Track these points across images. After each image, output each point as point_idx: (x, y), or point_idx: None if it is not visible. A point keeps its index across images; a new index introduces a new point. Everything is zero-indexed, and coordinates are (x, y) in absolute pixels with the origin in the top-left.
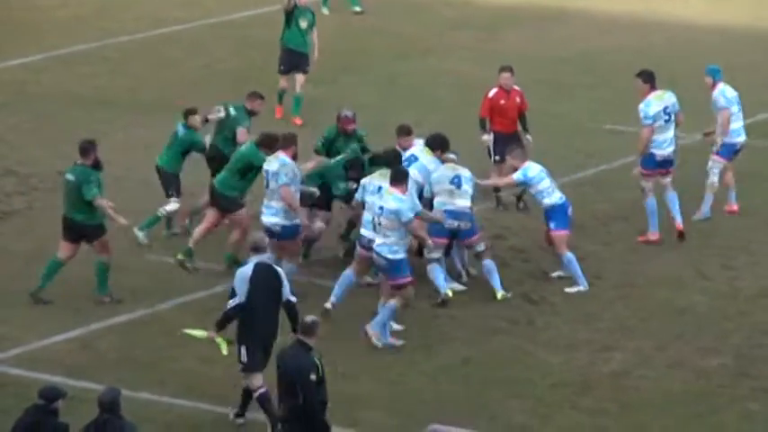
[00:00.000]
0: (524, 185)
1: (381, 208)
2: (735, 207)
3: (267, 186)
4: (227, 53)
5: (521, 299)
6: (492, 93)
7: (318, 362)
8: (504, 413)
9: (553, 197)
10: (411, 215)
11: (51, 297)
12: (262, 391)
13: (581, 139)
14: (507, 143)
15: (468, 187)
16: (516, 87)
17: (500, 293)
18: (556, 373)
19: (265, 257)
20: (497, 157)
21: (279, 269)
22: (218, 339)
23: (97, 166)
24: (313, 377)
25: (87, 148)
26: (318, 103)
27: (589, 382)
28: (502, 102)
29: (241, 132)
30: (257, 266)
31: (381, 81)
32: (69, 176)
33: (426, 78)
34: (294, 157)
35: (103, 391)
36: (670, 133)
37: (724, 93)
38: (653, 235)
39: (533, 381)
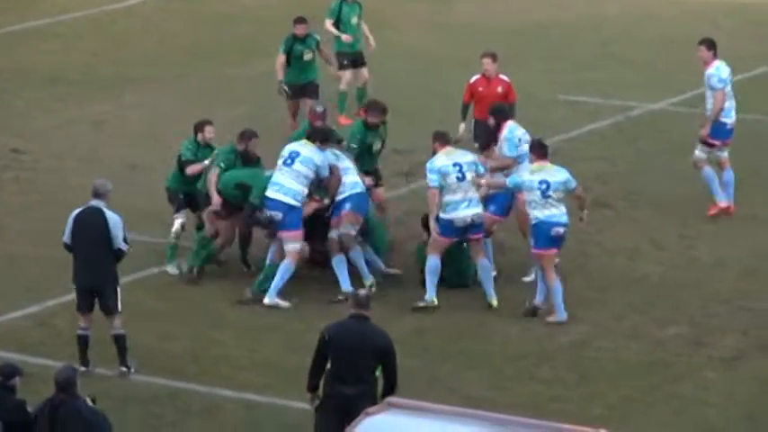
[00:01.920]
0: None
1: (545, 182)
2: None
3: (457, 180)
4: (180, 28)
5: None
6: (473, 78)
7: None
8: (461, 385)
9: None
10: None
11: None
12: (81, 332)
13: (536, 111)
14: (485, 131)
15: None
16: (503, 77)
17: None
18: (514, 345)
19: (103, 204)
20: (476, 144)
21: (112, 215)
22: None
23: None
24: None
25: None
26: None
27: (547, 354)
28: (480, 89)
29: None
30: (84, 209)
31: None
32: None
33: (381, 51)
34: None
35: (59, 370)
36: (733, 102)
37: None
38: (723, 203)
39: (491, 352)
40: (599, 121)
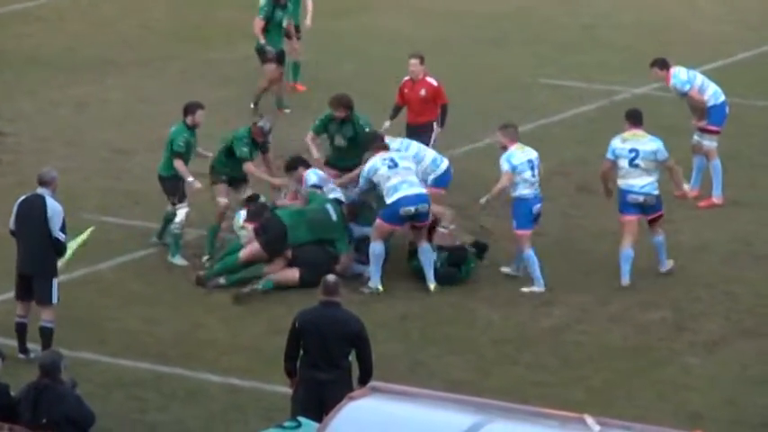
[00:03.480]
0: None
1: (635, 150)
2: None
3: (389, 168)
4: (161, 12)
5: None
6: (404, 79)
7: None
8: (443, 370)
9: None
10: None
11: None
12: (17, 320)
13: (519, 95)
14: (411, 135)
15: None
16: (430, 80)
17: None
18: (496, 329)
19: (47, 192)
20: None
21: (53, 203)
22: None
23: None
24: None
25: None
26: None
27: (529, 338)
28: (405, 91)
29: None
30: (28, 196)
31: (318, 38)
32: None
33: (362, 35)
34: None
35: (43, 355)
36: (713, 85)
37: None
38: (718, 199)
39: (473, 337)
40: (584, 105)
